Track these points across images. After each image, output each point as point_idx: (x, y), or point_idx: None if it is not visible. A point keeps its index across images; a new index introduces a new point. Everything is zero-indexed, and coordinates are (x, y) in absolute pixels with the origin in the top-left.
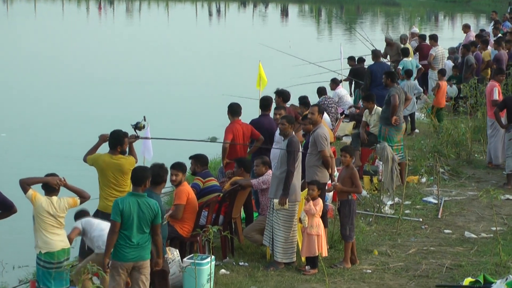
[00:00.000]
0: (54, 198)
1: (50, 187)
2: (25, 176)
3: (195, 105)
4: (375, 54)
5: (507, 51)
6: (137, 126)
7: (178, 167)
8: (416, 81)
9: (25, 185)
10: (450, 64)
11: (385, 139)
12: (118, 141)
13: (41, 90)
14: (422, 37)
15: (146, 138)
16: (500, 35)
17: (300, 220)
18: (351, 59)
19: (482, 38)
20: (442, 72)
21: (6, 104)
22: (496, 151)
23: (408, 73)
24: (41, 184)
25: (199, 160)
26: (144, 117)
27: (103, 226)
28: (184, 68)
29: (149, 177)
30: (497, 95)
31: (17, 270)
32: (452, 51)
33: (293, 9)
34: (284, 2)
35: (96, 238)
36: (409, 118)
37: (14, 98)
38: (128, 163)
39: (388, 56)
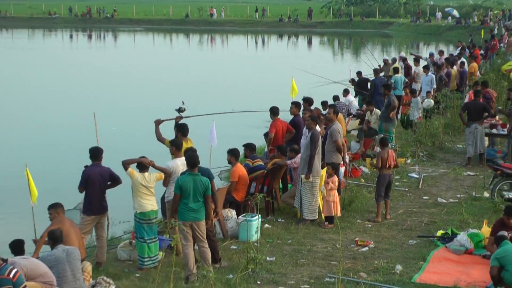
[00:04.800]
0: (146, 173)
1: (143, 165)
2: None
3: (242, 110)
4: (376, 71)
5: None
6: (180, 110)
7: (229, 151)
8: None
9: (125, 164)
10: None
11: (387, 132)
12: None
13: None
14: (403, 59)
15: (188, 116)
16: (462, 59)
17: (322, 191)
18: (359, 73)
19: (448, 61)
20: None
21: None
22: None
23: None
24: (136, 164)
25: (248, 147)
26: (182, 101)
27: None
28: (235, 83)
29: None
30: None
31: (122, 224)
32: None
33: (315, 40)
34: (309, 34)
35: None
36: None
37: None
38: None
39: (383, 72)
